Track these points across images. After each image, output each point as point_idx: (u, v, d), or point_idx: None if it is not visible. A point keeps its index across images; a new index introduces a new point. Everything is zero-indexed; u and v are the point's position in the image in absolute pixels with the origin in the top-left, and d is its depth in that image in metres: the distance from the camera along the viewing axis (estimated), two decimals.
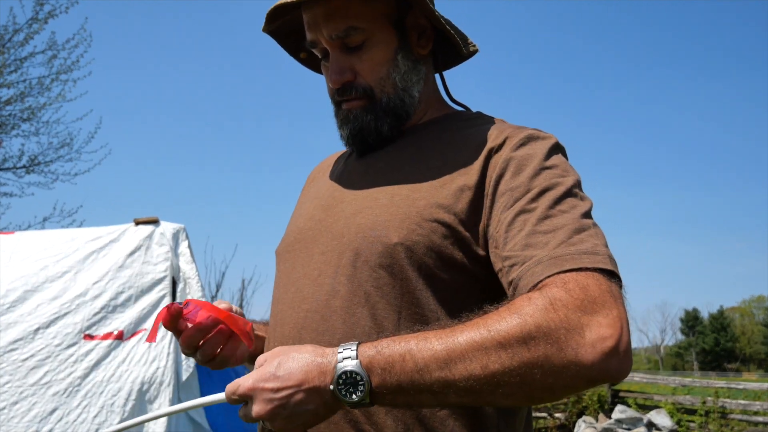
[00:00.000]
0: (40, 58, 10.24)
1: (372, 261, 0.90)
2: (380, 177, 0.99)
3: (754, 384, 9.64)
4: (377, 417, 0.85)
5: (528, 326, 0.71)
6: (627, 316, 0.74)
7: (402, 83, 1.02)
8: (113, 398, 2.83)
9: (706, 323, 63.37)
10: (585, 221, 0.83)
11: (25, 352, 2.90)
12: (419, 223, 0.89)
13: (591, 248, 0.79)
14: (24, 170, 10.66)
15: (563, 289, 0.74)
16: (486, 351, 0.70)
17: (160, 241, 3.37)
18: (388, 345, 0.74)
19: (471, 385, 0.71)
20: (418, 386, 0.72)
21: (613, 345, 0.70)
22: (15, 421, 2.70)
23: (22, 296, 3.10)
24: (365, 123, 1.02)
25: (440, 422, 0.85)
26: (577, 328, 0.70)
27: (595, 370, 0.70)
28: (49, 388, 2.81)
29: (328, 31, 0.98)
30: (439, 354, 0.72)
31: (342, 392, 0.72)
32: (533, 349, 0.70)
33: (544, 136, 0.94)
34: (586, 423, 9.09)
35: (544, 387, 0.71)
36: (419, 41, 1.04)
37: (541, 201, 0.85)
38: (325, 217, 1.01)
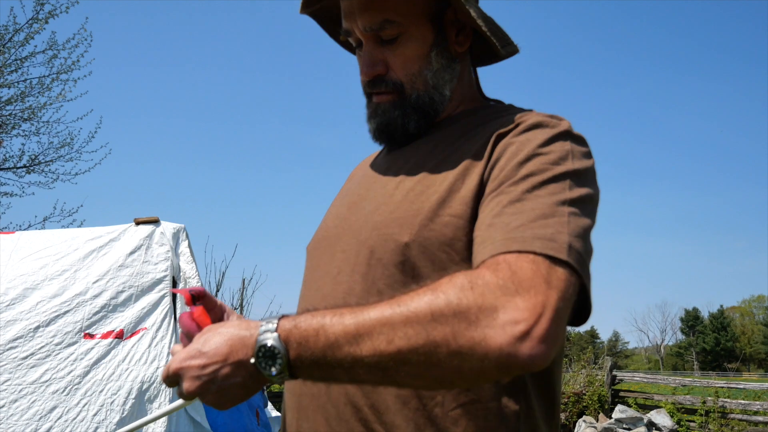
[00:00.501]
0: (41, 57, 10.25)
1: (385, 259, 0.89)
2: (400, 173, 0.98)
3: (754, 384, 9.64)
4: (387, 416, 0.84)
5: (438, 303, 0.68)
6: (559, 305, 0.69)
7: (433, 81, 1.00)
8: (113, 397, 2.83)
9: (706, 323, 63.35)
10: (560, 208, 0.79)
11: (25, 350, 2.91)
12: (431, 218, 0.88)
13: (549, 234, 0.74)
14: (24, 170, 10.67)
15: (491, 270, 0.71)
16: (393, 326, 0.68)
17: (161, 240, 3.38)
18: (305, 319, 0.73)
19: (377, 362, 0.69)
20: (330, 361, 0.71)
21: (524, 329, 0.66)
22: (14, 419, 2.70)
23: (22, 294, 3.10)
24: (392, 118, 1.01)
25: (453, 422, 0.83)
26: (490, 309, 0.67)
27: (504, 354, 0.66)
28: (49, 387, 2.82)
29: (363, 23, 0.97)
30: (349, 329, 0.70)
31: (262, 365, 0.72)
32: (439, 327, 0.67)
33: (552, 123, 0.91)
34: (586, 423, 9.10)
35: (451, 368, 0.68)
36: (457, 38, 1.01)
37: (521, 185, 0.82)
38: (349, 215, 1.00)
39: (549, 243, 0.74)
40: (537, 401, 0.87)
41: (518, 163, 0.85)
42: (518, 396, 0.85)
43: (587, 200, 0.84)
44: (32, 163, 10.68)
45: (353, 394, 0.87)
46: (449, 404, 0.83)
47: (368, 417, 0.85)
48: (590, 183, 0.87)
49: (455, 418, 0.82)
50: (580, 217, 0.80)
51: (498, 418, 0.83)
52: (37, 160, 10.69)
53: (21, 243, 3.43)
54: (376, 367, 0.69)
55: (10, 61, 10.03)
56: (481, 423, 0.83)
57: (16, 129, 10.52)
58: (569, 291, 0.72)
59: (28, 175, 10.74)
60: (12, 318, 3.00)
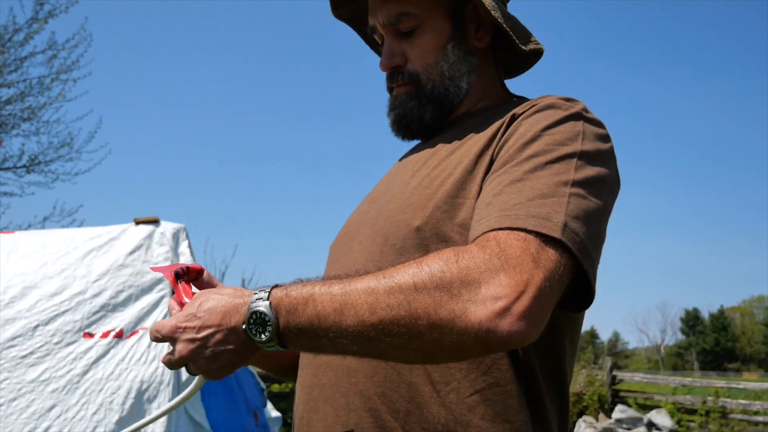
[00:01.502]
0: (40, 57, 10.26)
1: (398, 244, 0.88)
2: (417, 164, 0.99)
3: (754, 384, 9.64)
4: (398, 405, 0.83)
5: (421, 274, 0.68)
6: (543, 284, 0.67)
7: (449, 72, 1.01)
8: (112, 396, 2.83)
9: (706, 323, 63.35)
10: (561, 189, 0.76)
11: (24, 348, 2.90)
12: (445, 200, 0.87)
13: (545, 213, 0.73)
14: (24, 170, 10.68)
15: (480, 246, 0.71)
16: (376, 296, 0.69)
17: (161, 240, 3.37)
18: (296, 288, 0.74)
19: (361, 332, 0.69)
20: (317, 330, 0.71)
21: (505, 305, 0.65)
22: (13, 418, 2.70)
23: (21, 292, 3.10)
24: (408, 109, 1.02)
25: (469, 409, 0.81)
26: (473, 283, 0.67)
27: (483, 328, 0.66)
28: (48, 385, 2.81)
29: (382, 17, 1.00)
30: (335, 299, 0.71)
31: (252, 332, 0.73)
32: (421, 298, 0.67)
33: (565, 106, 0.89)
34: (586, 423, 9.09)
35: (431, 341, 0.68)
36: (477, 34, 1.02)
37: (524, 165, 0.80)
38: (369, 209, 1.02)
39: (543, 221, 0.72)
40: (546, 390, 0.86)
41: (524, 144, 0.83)
42: (531, 382, 0.84)
43: (596, 182, 0.81)
44: (32, 163, 10.69)
45: (363, 384, 0.86)
46: (465, 390, 0.81)
47: (378, 407, 0.84)
48: (603, 164, 0.84)
49: (472, 404, 0.81)
50: (584, 199, 0.77)
51: (518, 402, 0.81)
52: (37, 160, 10.70)
53: (20, 242, 3.43)
54: (360, 337, 0.70)
55: (10, 61, 10.04)
56: (500, 408, 0.81)
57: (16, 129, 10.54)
58: (558, 272, 0.70)
59: (28, 175, 10.76)
60: (11, 316, 3.00)
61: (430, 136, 1.05)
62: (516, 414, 0.81)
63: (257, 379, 4.36)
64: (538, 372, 0.84)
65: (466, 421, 0.80)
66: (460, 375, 0.82)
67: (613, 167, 0.87)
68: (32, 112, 10.41)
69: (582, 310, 0.81)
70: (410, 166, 1.00)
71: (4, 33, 9.90)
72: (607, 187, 0.84)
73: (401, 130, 1.05)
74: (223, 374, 0.78)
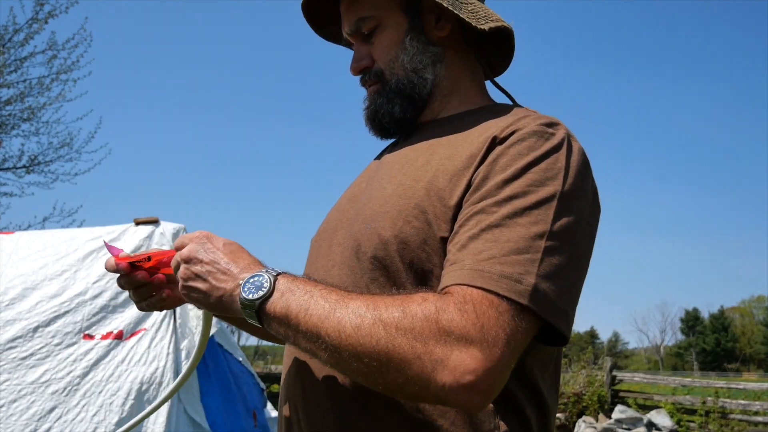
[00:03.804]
0: (40, 58, 10.26)
1: (369, 253, 0.90)
2: (394, 167, 1.00)
3: (754, 384, 9.63)
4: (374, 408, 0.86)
5: (404, 323, 0.73)
6: (509, 360, 0.72)
7: (411, 65, 1.03)
8: (112, 397, 2.83)
9: (706, 323, 63.33)
10: (536, 243, 0.77)
11: (24, 350, 2.90)
12: (416, 215, 0.88)
13: (516, 274, 0.75)
14: (24, 170, 10.67)
15: (459, 308, 0.73)
16: (360, 324, 0.73)
17: (160, 241, 3.37)
18: (303, 282, 0.80)
19: (336, 346, 0.74)
20: (298, 323, 0.76)
21: (471, 381, 0.70)
22: (13, 419, 2.70)
23: (22, 294, 3.10)
24: (378, 105, 1.05)
25: (440, 414, 0.84)
26: (446, 348, 0.71)
27: (444, 393, 0.71)
28: (48, 387, 2.81)
29: (347, 27, 1.06)
30: (327, 305, 0.76)
31: (245, 287, 0.79)
32: (398, 344, 0.72)
33: (548, 134, 0.87)
34: (586, 423, 9.09)
35: (395, 383, 0.73)
36: (437, 24, 1.04)
37: (503, 207, 0.80)
38: (348, 208, 1.03)
39: (514, 285, 0.75)
40: (522, 400, 0.88)
41: (504, 181, 0.83)
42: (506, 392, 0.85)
43: (574, 225, 0.82)
44: (32, 163, 10.68)
45: (339, 386, 0.89)
46: None
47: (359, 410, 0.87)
48: (583, 200, 0.85)
49: (443, 410, 0.84)
50: (559, 252, 0.79)
51: (490, 411, 0.84)
52: (36, 160, 10.69)
53: (21, 243, 3.43)
54: (333, 350, 0.74)
55: (10, 61, 10.04)
56: (470, 416, 0.84)
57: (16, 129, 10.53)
58: (524, 341, 0.75)
59: (28, 176, 10.76)
60: (11, 318, 3.00)
61: (406, 132, 1.06)
62: (486, 422, 0.84)
63: (257, 379, 4.37)
64: (514, 382, 0.86)
65: (438, 425, 0.83)
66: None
67: (591, 197, 0.89)
68: (32, 113, 10.40)
69: (559, 345, 0.84)
70: (388, 170, 1.01)
71: (4, 33, 9.90)
72: (585, 225, 0.85)
73: (375, 127, 1.07)
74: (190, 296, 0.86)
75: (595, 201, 0.91)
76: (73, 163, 11.27)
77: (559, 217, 0.80)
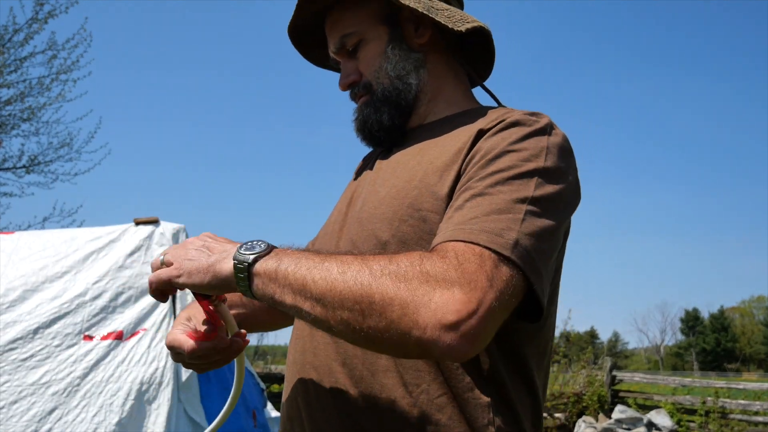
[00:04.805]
0: (40, 58, 10.26)
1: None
2: (388, 171, 1.03)
3: (754, 384, 9.63)
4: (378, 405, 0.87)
5: (390, 267, 0.73)
6: (494, 305, 0.70)
7: (395, 72, 1.06)
8: (112, 398, 2.83)
9: (706, 323, 63.32)
10: (517, 206, 0.80)
11: (25, 351, 2.90)
12: (411, 214, 0.91)
13: (498, 229, 0.77)
14: (24, 170, 10.68)
15: (440, 255, 0.75)
16: (346, 269, 0.74)
17: (160, 241, 3.37)
18: (298, 248, 0.82)
19: (321, 292, 0.74)
20: (286, 276, 0.76)
21: (453, 320, 0.69)
22: (14, 421, 2.70)
23: (22, 296, 3.10)
24: (366, 115, 1.07)
25: (438, 409, 0.86)
26: (429, 290, 0.70)
27: (426, 335, 0.69)
28: (49, 388, 2.81)
29: (331, 47, 1.09)
30: (315, 257, 0.77)
31: (241, 248, 0.80)
32: (382, 285, 0.72)
33: (531, 122, 0.91)
34: (586, 423, 9.09)
35: (377, 328, 0.72)
36: (417, 32, 1.07)
37: (486, 180, 0.84)
38: (348, 211, 1.06)
39: (495, 237, 0.76)
40: (516, 394, 0.89)
41: (488, 160, 0.87)
42: (499, 387, 0.88)
43: (555, 199, 0.84)
44: (32, 163, 10.68)
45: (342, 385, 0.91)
46: (434, 392, 0.86)
47: (359, 405, 0.89)
48: (564, 181, 0.87)
49: (441, 405, 0.86)
50: (540, 217, 0.81)
51: (485, 405, 0.86)
52: (36, 160, 10.70)
53: (21, 244, 3.43)
54: (318, 298, 0.74)
55: (10, 61, 10.04)
56: (467, 409, 0.86)
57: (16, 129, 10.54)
58: (509, 291, 0.73)
59: (28, 176, 10.77)
60: (12, 320, 3.00)
61: (396, 139, 1.09)
62: (482, 416, 0.85)
63: (257, 379, 4.37)
64: (506, 377, 0.88)
65: (435, 420, 0.85)
66: (429, 378, 0.87)
67: (573, 182, 0.91)
68: (32, 113, 10.41)
69: (534, 321, 0.85)
70: (381, 174, 1.04)
71: (4, 33, 9.90)
72: (564, 204, 0.87)
73: (366, 136, 1.10)
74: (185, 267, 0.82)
75: (577, 188, 0.94)
76: (73, 163, 11.29)
77: (540, 187, 0.83)
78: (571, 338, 12.46)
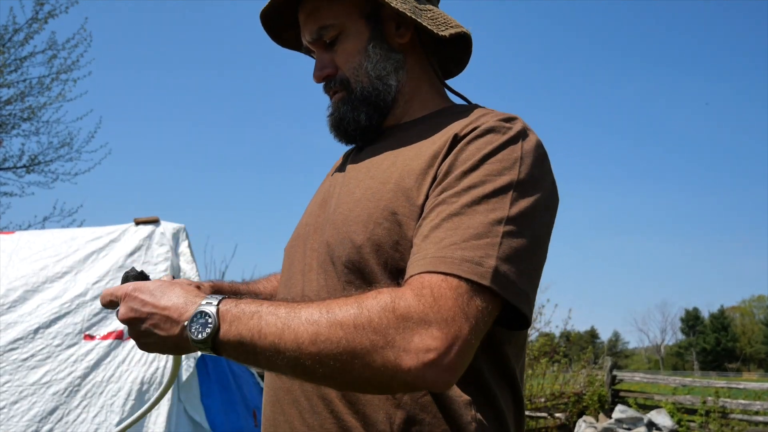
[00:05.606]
0: (40, 57, 10.27)
1: (343, 257, 0.92)
2: (361, 172, 1.02)
3: (754, 384, 9.64)
4: (358, 407, 0.88)
5: (361, 318, 0.74)
6: (470, 336, 0.74)
7: (375, 72, 1.04)
8: (113, 398, 2.83)
9: (706, 323, 63.32)
10: (494, 228, 0.81)
11: (25, 351, 2.91)
12: (386, 217, 0.90)
13: (477, 257, 0.78)
14: (24, 170, 10.69)
15: (416, 293, 0.75)
16: (317, 330, 0.74)
17: (161, 241, 3.37)
18: (246, 303, 0.80)
19: (297, 357, 0.75)
20: (255, 346, 0.77)
21: (434, 357, 0.72)
22: (15, 421, 2.70)
23: (23, 296, 3.10)
24: (343, 113, 1.06)
25: (422, 409, 0.86)
26: (407, 333, 0.73)
27: (411, 376, 0.72)
28: (49, 388, 2.82)
29: (306, 36, 1.06)
30: (279, 320, 0.76)
31: (191, 329, 0.78)
32: (359, 339, 0.73)
33: (504, 129, 0.91)
34: (586, 423, 9.09)
35: (362, 378, 0.75)
36: (398, 31, 1.05)
37: (462, 197, 0.84)
38: (320, 213, 1.05)
39: (475, 267, 0.77)
40: (498, 390, 0.90)
41: (463, 172, 0.86)
42: (476, 386, 0.89)
43: (531, 212, 0.85)
44: (32, 163, 10.69)
45: (324, 387, 0.91)
46: (418, 393, 0.87)
47: (340, 408, 0.89)
48: (539, 189, 0.88)
49: (425, 404, 0.86)
50: (518, 237, 0.82)
51: (468, 402, 0.87)
52: (36, 160, 10.71)
53: (21, 244, 3.43)
54: (295, 363, 0.75)
55: (10, 61, 10.05)
56: (451, 407, 0.87)
57: (16, 129, 10.54)
58: (485, 319, 0.77)
59: (28, 175, 10.77)
60: (13, 320, 3.00)
61: (371, 138, 1.07)
62: (465, 413, 0.86)
63: (257, 378, 4.37)
64: (487, 374, 0.90)
65: (420, 419, 0.86)
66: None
67: (549, 186, 0.92)
68: (32, 112, 10.41)
69: (523, 329, 0.87)
70: (355, 174, 1.02)
71: (4, 33, 9.91)
72: (541, 213, 0.88)
73: (340, 134, 1.08)
74: (149, 349, 0.87)
75: (553, 190, 0.94)
76: (73, 163, 11.28)
77: (515, 203, 0.84)
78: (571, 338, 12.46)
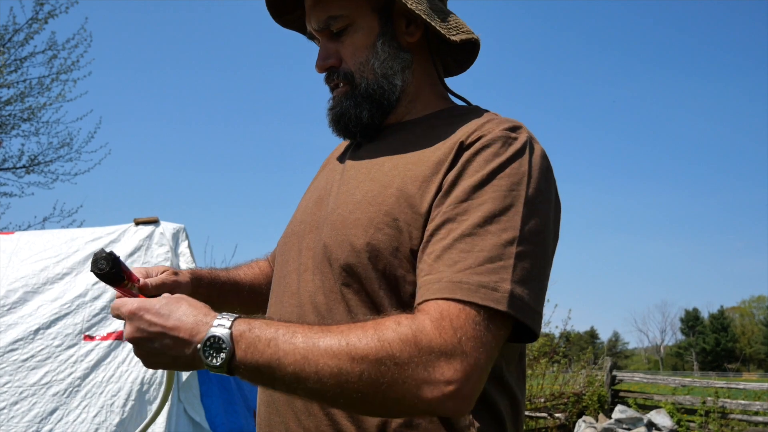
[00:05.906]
0: (40, 58, 10.26)
1: (341, 260, 0.91)
2: (361, 172, 1.00)
3: (754, 384, 9.63)
4: None
5: (383, 352, 0.74)
6: (486, 364, 0.76)
7: (381, 70, 1.01)
8: (113, 398, 2.83)
9: (706, 323, 63.30)
10: (507, 250, 0.81)
11: (25, 352, 2.91)
12: (387, 222, 0.89)
13: (493, 283, 0.78)
14: (24, 170, 10.67)
15: (435, 325, 0.76)
16: (339, 365, 0.74)
17: (160, 241, 3.37)
18: (260, 327, 0.78)
19: (318, 388, 0.75)
20: (273, 374, 0.76)
21: (454, 389, 0.74)
22: (15, 421, 2.70)
23: (23, 297, 3.10)
24: (345, 109, 1.03)
25: None
26: (428, 367, 0.74)
27: (432, 406, 0.75)
28: (49, 389, 2.82)
29: (314, 23, 1.02)
30: (298, 351, 0.75)
31: (205, 354, 0.77)
32: (380, 375, 0.74)
33: (510, 140, 0.90)
34: (586, 423, 9.09)
35: (384, 408, 0.77)
36: (408, 29, 1.03)
37: (472, 215, 0.83)
38: (316, 211, 1.02)
39: (491, 293, 0.78)
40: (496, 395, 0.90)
41: (472, 187, 0.86)
42: None
43: (541, 229, 0.86)
44: (32, 163, 10.68)
45: None
46: None
47: (335, 411, 0.88)
48: (547, 203, 0.88)
49: None
50: (530, 257, 0.83)
51: None
52: (36, 160, 10.69)
53: (21, 244, 3.43)
54: (316, 392, 0.76)
55: (10, 61, 10.04)
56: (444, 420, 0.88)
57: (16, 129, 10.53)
58: (500, 344, 0.79)
59: (28, 176, 10.75)
60: (13, 321, 3.00)
61: (371, 135, 1.05)
62: (463, 418, 0.86)
63: None
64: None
65: (416, 423, 0.86)
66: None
67: (554, 198, 0.92)
68: (32, 113, 10.40)
69: (524, 342, 0.88)
70: (354, 173, 1.00)
71: (4, 33, 9.90)
72: (550, 226, 0.89)
73: (340, 129, 1.05)
74: (156, 368, 0.85)
75: (557, 201, 0.95)
76: (73, 163, 11.28)
77: (526, 221, 0.84)
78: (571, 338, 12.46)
